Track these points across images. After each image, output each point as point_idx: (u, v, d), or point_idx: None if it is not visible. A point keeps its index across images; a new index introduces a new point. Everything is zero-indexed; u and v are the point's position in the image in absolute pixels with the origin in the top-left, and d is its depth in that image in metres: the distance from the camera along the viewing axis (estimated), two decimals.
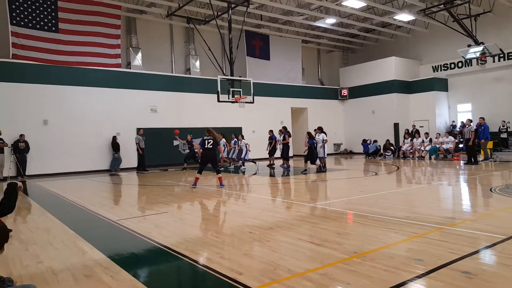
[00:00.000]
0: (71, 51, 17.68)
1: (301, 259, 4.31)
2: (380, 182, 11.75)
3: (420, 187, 10.65)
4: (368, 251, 4.50)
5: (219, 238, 5.41)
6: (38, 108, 16.83)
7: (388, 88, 25.26)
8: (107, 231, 6.48)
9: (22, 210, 8.59)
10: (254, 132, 23.12)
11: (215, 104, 17.23)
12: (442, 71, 24.88)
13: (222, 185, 11.21)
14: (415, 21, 24.21)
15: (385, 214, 6.54)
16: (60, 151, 17.17)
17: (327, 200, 8.68)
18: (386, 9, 21.32)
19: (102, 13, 18.44)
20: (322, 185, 11.61)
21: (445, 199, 8.87)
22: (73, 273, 4.12)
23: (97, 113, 18.14)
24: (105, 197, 10.84)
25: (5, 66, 16.19)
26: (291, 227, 5.91)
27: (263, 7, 21.27)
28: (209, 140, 11.07)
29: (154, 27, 21.57)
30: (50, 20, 17.21)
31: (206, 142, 11.08)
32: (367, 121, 26.25)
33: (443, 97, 24.96)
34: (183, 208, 8.50)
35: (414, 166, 16.66)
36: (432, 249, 4.46)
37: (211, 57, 17.82)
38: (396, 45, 27.16)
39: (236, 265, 4.19)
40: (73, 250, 5.07)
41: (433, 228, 5.49)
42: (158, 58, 21.69)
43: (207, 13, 20.66)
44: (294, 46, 26.41)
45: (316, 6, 20.88)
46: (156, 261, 4.70)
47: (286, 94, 25.37)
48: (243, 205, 8.53)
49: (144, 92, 19.67)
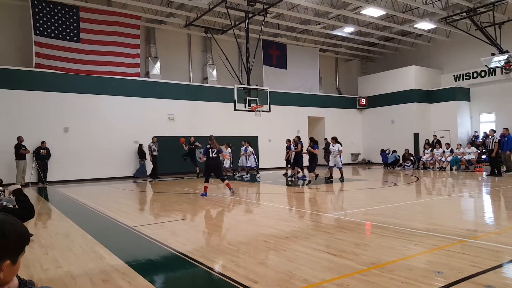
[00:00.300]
0: (92, 61, 18.08)
1: (317, 269, 4.25)
2: (399, 193, 11.55)
3: (440, 198, 10.42)
4: (386, 262, 4.40)
5: (234, 246, 5.38)
6: (59, 116, 17.20)
7: (408, 97, 24.93)
8: (124, 237, 6.52)
9: (43, 215, 8.73)
10: (270, 141, 23.11)
11: (231, 113, 17.28)
12: (464, 80, 24.41)
13: (231, 189, 11.26)
14: (436, 29, 23.90)
15: (404, 225, 6.41)
16: (80, 158, 17.46)
17: (345, 210, 8.56)
18: (406, 17, 21.11)
19: (122, 23, 18.83)
20: (340, 195, 11.48)
21: (466, 211, 8.65)
22: (91, 278, 4.16)
23: (116, 121, 18.42)
24: (123, 204, 10.94)
25: (28, 75, 16.64)
26: (308, 237, 5.84)
27: (280, 17, 21.35)
28: (213, 149, 11.11)
29: (172, 37, 21.87)
30: (72, 30, 17.66)
31: (210, 151, 11.11)
32: (386, 131, 25.92)
33: (465, 107, 24.48)
34: (199, 216, 8.51)
35: (435, 177, 16.34)
36: (453, 262, 4.33)
37: (228, 66, 17.94)
38: (417, 54, 26.83)
39: (251, 273, 4.16)
40: (92, 255, 5.11)
41: (454, 240, 5.35)
42: (176, 68, 21.95)
43: (225, 23, 20.85)
44: (311, 55, 26.38)
45: (334, 15, 20.84)
46: (172, 267, 4.71)
47: (303, 103, 25.30)
48: (259, 214, 8.49)
49: (162, 101, 19.90)
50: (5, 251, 1.45)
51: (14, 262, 1.49)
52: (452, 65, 25.25)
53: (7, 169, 15.19)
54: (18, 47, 17.24)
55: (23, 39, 17.05)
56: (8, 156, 15.35)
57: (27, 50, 16.84)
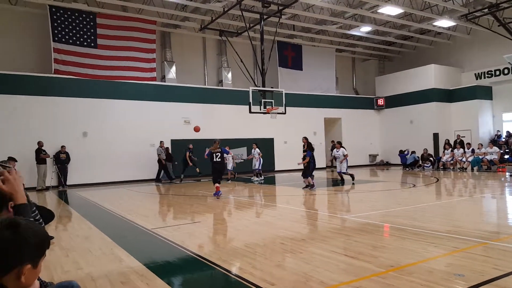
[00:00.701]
0: (109, 66, 18.35)
1: (335, 272, 4.19)
2: (418, 195, 11.35)
3: (461, 199, 10.20)
4: (406, 265, 4.31)
5: (251, 249, 5.36)
6: (78, 121, 17.49)
7: (427, 97, 24.48)
8: (142, 240, 6.57)
9: (63, 218, 8.89)
10: (286, 143, 23.03)
11: (247, 115, 17.29)
12: (486, 79, 23.83)
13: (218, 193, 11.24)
14: (456, 26, 23.41)
15: (424, 227, 6.28)
16: (99, 162, 17.72)
17: (362, 213, 8.44)
18: (425, 15, 20.73)
19: (138, 29, 19.06)
20: (357, 197, 11.34)
21: (489, 213, 8.43)
22: (110, 279, 4.22)
23: (132, 125, 18.62)
24: (140, 206, 11.04)
25: (48, 81, 16.99)
26: (324, 239, 5.78)
27: (295, 17, 21.28)
28: (217, 153, 11.28)
29: (187, 41, 22.04)
30: (90, 36, 17.96)
31: (214, 156, 11.31)
32: (405, 131, 25.52)
33: (487, 105, 23.90)
34: (216, 218, 8.52)
35: (455, 178, 16.01)
36: (475, 265, 4.23)
37: (243, 69, 17.96)
38: (436, 52, 26.34)
39: (268, 275, 4.13)
40: (111, 257, 5.17)
41: (476, 242, 5.22)
42: (191, 71, 22.10)
43: (239, 25, 20.90)
44: (327, 56, 26.21)
45: (351, 15, 20.66)
46: (190, 269, 4.72)
47: (319, 104, 25.13)
48: (276, 216, 8.45)
49: (177, 104, 20.05)
50: (26, 255, 1.47)
51: (35, 266, 1.50)
52: (473, 63, 24.69)
53: (28, 174, 15.47)
54: (37, 54, 17.61)
55: (42, 46, 17.40)
56: (29, 161, 15.63)
57: (46, 57, 17.20)
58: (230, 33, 20.39)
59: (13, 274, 1.44)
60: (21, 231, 1.47)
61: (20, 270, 1.45)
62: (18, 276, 1.45)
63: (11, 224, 1.48)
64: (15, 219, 1.52)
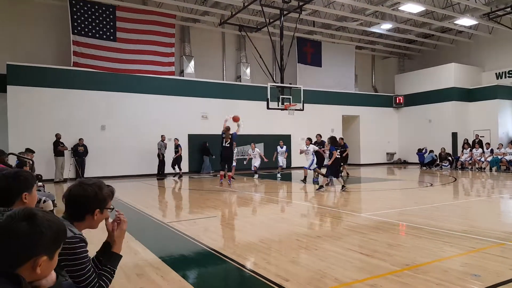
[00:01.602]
0: (127, 59, 18.48)
1: (349, 269, 4.20)
2: (436, 194, 11.22)
3: (479, 199, 10.05)
4: (421, 263, 4.30)
5: (266, 244, 5.40)
6: (96, 114, 17.71)
7: (447, 95, 24.11)
8: (158, 233, 6.68)
9: None
10: (303, 139, 22.93)
11: (264, 111, 17.28)
12: (507, 78, 23.34)
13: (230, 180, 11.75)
14: (478, 25, 22.97)
15: (441, 226, 6.23)
16: (117, 155, 17.94)
17: (379, 211, 8.40)
18: (447, 13, 20.38)
19: (157, 22, 19.14)
20: (374, 195, 11.27)
21: (507, 213, 8.30)
22: (125, 272, 4.27)
23: (151, 120, 18.78)
24: (157, 200, 11.20)
25: (67, 73, 17.22)
26: (340, 237, 5.79)
27: (316, 14, 21.14)
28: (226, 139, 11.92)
29: (206, 35, 22.09)
30: (109, 30, 18.11)
31: (223, 141, 11.99)
32: (423, 130, 25.18)
33: (507, 105, 23.43)
34: (231, 213, 8.60)
35: (473, 177, 15.75)
36: (491, 265, 4.19)
37: (261, 64, 17.93)
38: (456, 51, 25.88)
39: (282, 271, 4.16)
40: (126, 250, 5.24)
41: (493, 243, 5.15)
42: (210, 66, 22.17)
43: (259, 21, 20.87)
44: (347, 53, 25.99)
45: (372, 12, 20.43)
46: (204, 263, 4.78)
47: (338, 101, 24.96)
48: (291, 212, 8.47)
49: (196, 99, 20.16)
50: (42, 247, 1.48)
51: (51, 257, 1.52)
52: (494, 62, 24.20)
53: (46, 165, 15.71)
54: (56, 46, 17.82)
55: (61, 38, 17.60)
56: (48, 153, 15.91)
57: (65, 49, 17.40)
58: (249, 28, 20.38)
59: (28, 265, 1.45)
60: (38, 223, 1.48)
61: (35, 261, 1.46)
62: (33, 267, 1.46)
63: (28, 214, 1.49)
64: (32, 210, 1.52)
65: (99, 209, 2.21)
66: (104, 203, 2.24)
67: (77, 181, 2.26)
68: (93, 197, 2.17)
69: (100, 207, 2.22)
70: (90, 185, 2.19)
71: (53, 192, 11.63)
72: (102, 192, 2.22)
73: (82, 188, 2.17)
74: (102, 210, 2.24)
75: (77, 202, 2.17)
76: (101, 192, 2.21)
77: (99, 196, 2.20)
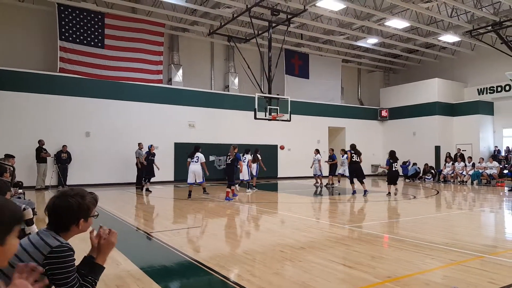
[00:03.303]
0: (115, 67, 18.38)
1: (332, 281, 4.23)
2: (418, 206, 11.37)
3: (460, 212, 10.21)
4: (402, 276, 4.35)
5: (250, 255, 5.40)
6: (81, 120, 17.48)
7: (431, 110, 24.57)
8: (141, 243, 6.61)
9: None
10: (290, 150, 23.06)
11: (252, 122, 17.34)
12: (488, 94, 23.94)
13: (228, 199, 11.88)
14: (460, 42, 23.54)
15: (423, 239, 6.31)
16: (101, 163, 17.72)
17: (363, 222, 8.48)
18: (431, 30, 20.87)
19: (146, 31, 19.13)
20: (358, 207, 11.37)
21: (487, 227, 8.45)
22: (106, 282, 4.20)
23: (137, 127, 18.62)
24: (141, 209, 11.10)
25: (52, 79, 17.01)
26: (324, 248, 5.82)
27: (303, 27, 21.40)
28: (229, 156, 12.52)
29: (195, 45, 22.16)
30: (97, 36, 18.02)
31: (227, 158, 12.76)
32: (407, 143, 25.53)
33: (488, 121, 23.98)
34: (216, 224, 8.56)
35: (455, 191, 16.01)
36: (471, 278, 4.27)
37: (249, 75, 18.04)
38: (440, 67, 26.46)
39: (266, 283, 4.16)
40: (108, 260, 5.14)
41: (473, 256, 5.25)
42: (198, 75, 22.20)
43: (248, 32, 21.02)
44: (334, 65, 26.33)
45: (358, 26, 20.79)
46: (187, 274, 4.75)
47: (324, 113, 25.20)
48: (276, 223, 8.48)
49: (183, 108, 20.12)
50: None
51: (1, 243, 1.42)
52: (476, 78, 24.81)
53: (28, 172, 15.41)
54: (43, 52, 17.62)
55: (48, 44, 17.44)
56: (30, 159, 15.58)
57: (52, 54, 17.25)
58: (238, 39, 20.52)
59: None
60: None
61: None
62: None
63: None
64: None
65: (83, 219, 2.20)
66: (88, 212, 2.23)
67: (59, 193, 2.24)
68: (77, 208, 2.16)
69: (84, 217, 2.21)
70: (72, 196, 2.17)
71: (34, 199, 11.45)
72: (85, 201, 2.21)
73: (64, 200, 2.16)
74: (87, 219, 2.23)
75: (61, 214, 2.15)
76: (84, 202, 2.20)
77: (82, 206, 2.19)
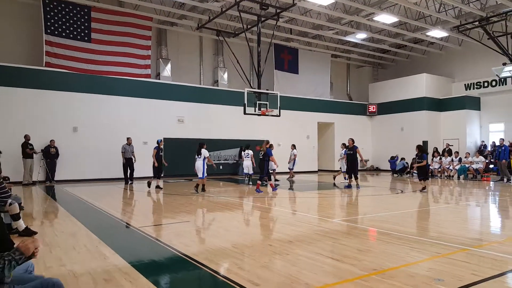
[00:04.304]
0: (102, 61, 18.20)
1: (320, 274, 4.27)
2: (406, 200, 11.49)
3: (447, 206, 10.35)
4: (388, 268, 4.41)
5: (238, 249, 5.42)
6: (68, 115, 17.29)
7: (418, 105, 24.80)
8: (129, 238, 6.59)
9: (49, 214, 8.86)
10: (280, 145, 23.11)
11: (241, 117, 17.32)
12: (475, 89, 24.26)
13: (258, 191, 12.68)
14: (448, 37, 23.79)
15: (409, 232, 6.40)
16: (88, 158, 17.56)
17: (350, 216, 8.55)
18: (419, 25, 21.04)
19: (133, 24, 18.96)
20: (346, 201, 11.45)
21: (472, 220, 8.59)
22: (93, 277, 4.20)
23: (125, 122, 18.48)
24: (130, 204, 11.05)
25: (38, 73, 16.78)
26: (312, 242, 5.86)
27: (293, 21, 21.40)
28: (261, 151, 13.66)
29: (184, 39, 22.02)
30: (83, 30, 17.80)
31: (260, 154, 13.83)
32: (396, 138, 25.79)
33: (475, 116, 24.29)
34: (205, 218, 8.56)
35: (442, 185, 16.22)
36: (455, 270, 4.34)
37: (239, 70, 18.01)
38: (428, 62, 26.71)
39: (253, 276, 4.18)
40: (95, 254, 5.16)
41: (458, 248, 5.34)
42: (187, 70, 22.09)
43: (237, 26, 20.96)
44: (323, 61, 26.39)
45: (347, 21, 20.85)
46: (175, 269, 4.75)
47: (313, 108, 25.28)
48: (266, 218, 8.51)
49: (172, 103, 20.02)
50: None
51: None
52: (463, 74, 25.11)
53: (15, 167, 15.23)
54: (28, 46, 17.39)
55: (33, 37, 17.21)
56: (17, 154, 15.39)
57: (37, 48, 17.00)
58: (227, 33, 20.44)
59: None
60: None
61: None
62: None
63: None
64: None
65: None
66: None
67: None
68: None
69: None
70: None
71: (21, 195, 11.32)
72: None
73: None
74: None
75: None
76: None
77: None
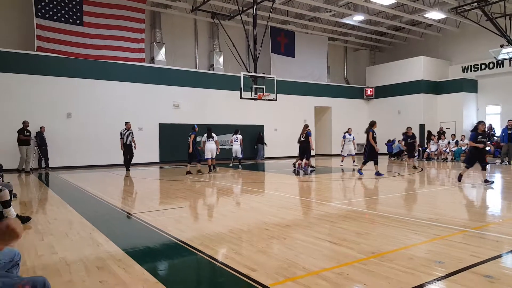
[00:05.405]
0: (95, 45, 17.81)
1: (317, 258, 4.20)
2: (403, 183, 11.47)
3: (444, 188, 10.32)
4: (387, 251, 4.35)
5: (235, 234, 5.35)
6: (61, 101, 17.05)
7: (416, 88, 24.68)
8: (124, 224, 6.51)
9: (42, 201, 8.76)
10: (277, 130, 23.02)
11: (237, 101, 17.14)
12: (472, 72, 24.13)
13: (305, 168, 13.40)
14: (446, 19, 23.54)
15: (407, 215, 6.36)
16: (83, 144, 17.41)
17: (348, 200, 8.51)
18: (417, 6, 20.77)
19: (126, 7, 18.52)
20: (343, 184, 11.42)
21: (469, 202, 8.57)
22: (86, 264, 4.12)
23: (120, 108, 18.27)
24: (125, 191, 10.97)
25: (30, 58, 16.44)
26: (309, 226, 5.80)
27: (289, 3, 21.07)
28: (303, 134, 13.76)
29: (178, 22, 21.65)
30: (75, 13, 17.39)
31: (300, 136, 13.85)
32: (393, 122, 25.69)
33: (472, 98, 24.22)
34: (201, 204, 8.50)
35: (439, 167, 16.22)
36: (454, 252, 4.30)
37: (235, 53, 17.75)
38: (426, 44, 26.49)
39: (250, 261, 4.12)
40: (88, 241, 5.08)
41: (456, 230, 5.30)
42: (182, 54, 21.79)
43: (232, 8, 20.62)
44: (320, 44, 26.08)
45: (344, 3, 20.55)
46: (170, 255, 4.68)
47: (310, 92, 25.10)
48: (262, 202, 8.45)
49: (167, 88, 19.79)
50: None
51: None
52: (460, 56, 24.94)
53: (10, 155, 15.06)
54: (19, 29, 17.03)
55: (24, 21, 16.83)
56: (11, 141, 15.11)
57: (28, 32, 16.64)
58: (222, 16, 20.09)
59: None
60: None
61: None
62: None
63: None
64: None
65: None
66: None
67: None
68: None
69: None
70: None
71: (16, 182, 11.23)
72: None
73: None
74: None
75: None
76: None
77: None
